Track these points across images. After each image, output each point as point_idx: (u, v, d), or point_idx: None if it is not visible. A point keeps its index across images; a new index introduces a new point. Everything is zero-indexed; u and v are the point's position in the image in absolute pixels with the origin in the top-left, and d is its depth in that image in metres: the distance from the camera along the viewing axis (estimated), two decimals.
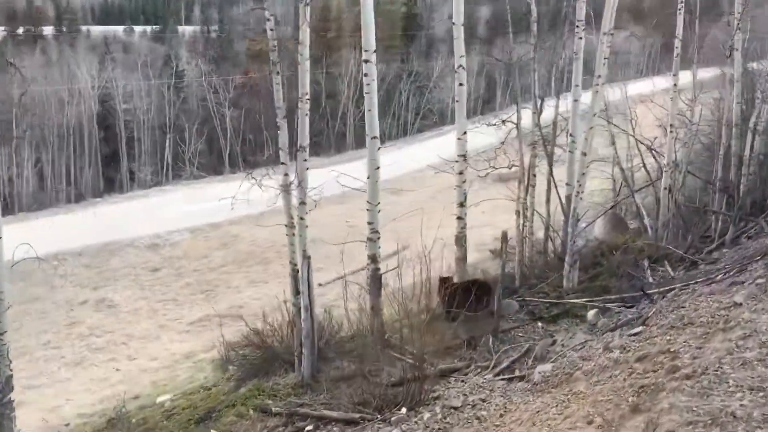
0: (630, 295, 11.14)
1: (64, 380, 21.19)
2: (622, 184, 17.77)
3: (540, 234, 14.04)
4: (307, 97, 9.02)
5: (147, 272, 30.51)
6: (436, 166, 14.13)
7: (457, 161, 11.34)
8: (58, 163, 44.23)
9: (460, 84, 11.03)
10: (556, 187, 13.55)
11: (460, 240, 11.51)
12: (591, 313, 10.94)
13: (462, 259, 11.69)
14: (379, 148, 10.38)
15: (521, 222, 13.48)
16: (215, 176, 44.60)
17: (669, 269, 12.79)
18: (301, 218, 9.16)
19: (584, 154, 12.01)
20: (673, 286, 10.84)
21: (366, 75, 9.74)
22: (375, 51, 9.67)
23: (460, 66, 10.87)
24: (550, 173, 13.83)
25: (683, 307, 9.01)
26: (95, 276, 29.61)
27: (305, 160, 9.10)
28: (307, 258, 9.20)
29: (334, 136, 52.00)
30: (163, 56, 56.87)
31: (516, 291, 12.40)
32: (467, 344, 10.23)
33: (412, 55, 56.78)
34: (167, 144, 48.52)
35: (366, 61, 9.67)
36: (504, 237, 10.70)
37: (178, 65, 56.15)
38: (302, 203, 9.19)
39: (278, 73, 8.89)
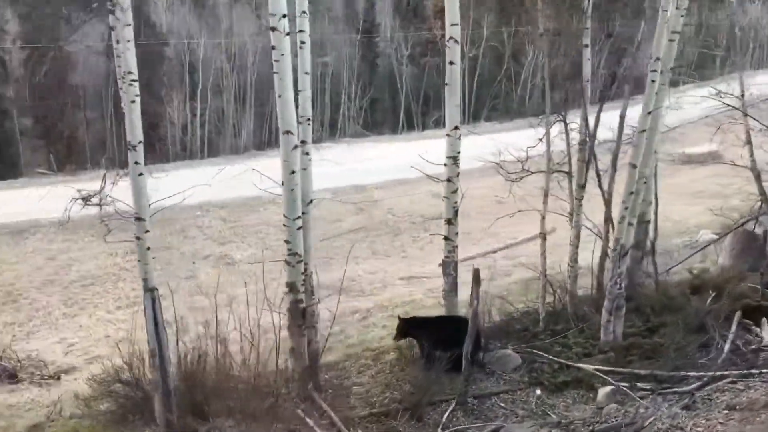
0: (666, 374, 7.99)
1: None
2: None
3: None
4: (132, 78, 6.70)
5: (278, 232, 30.24)
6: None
7: (445, 164, 8.67)
8: (232, 114, 45.53)
9: (450, 62, 8.24)
10: (607, 200, 10.24)
11: (448, 267, 8.93)
12: (602, 392, 8.02)
13: (451, 291, 9.09)
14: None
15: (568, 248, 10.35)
16: (379, 135, 43.58)
17: (764, 333, 9.22)
18: (138, 238, 7.11)
19: (634, 167, 8.75)
20: (723, 373, 7.57)
21: (273, 48, 7.39)
22: (286, 16, 7.28)
23: (451, 38, 8.08)
24: (599, 184, 10.48)
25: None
26: (227, 230, 29.87)
27: (137, 163, 6.92)
28: (150, 290, 7.16)
29: (516, 101, 48.50)
30: (361, 10, 56.24)
31: (534, 337, 9.54)
32: (410, 412, 7.81)
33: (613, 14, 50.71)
34: (342, 100, 48.05)
35: (273, 29, 7.33)
36: (476, 278, 8.00)
37: (375, 19, 55.24)
38: (139, 219, 7.12)
39: (119, 41, 6.59)
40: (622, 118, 10.27)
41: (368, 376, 8.98)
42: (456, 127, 8.47)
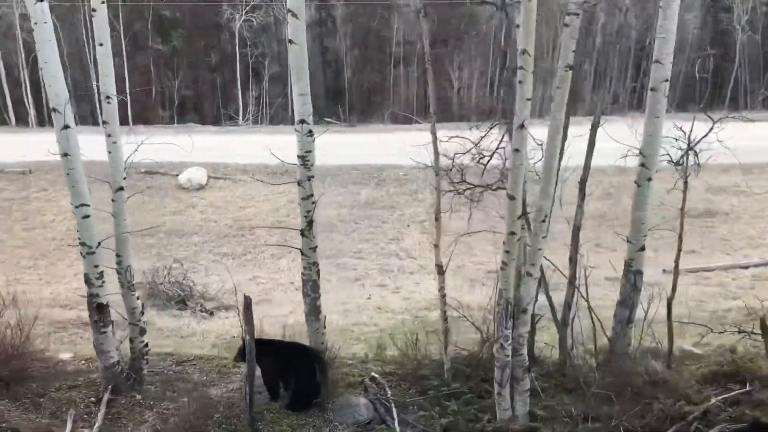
0: None
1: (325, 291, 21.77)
2: None
3: None
4: None
5: (504, 203, 28.87)
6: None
7: (297, 165, 7.08)
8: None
9: (290, 41, 6.52)
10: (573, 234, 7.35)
11: (305, 287, 7.41)
12: None
13: (311, 314, 7.56)
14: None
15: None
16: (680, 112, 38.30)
17: None
18: None
19: (511, 198, 6.21)
20: None
21: (35, 24, 6.51)
22: None
23: (289, 11, 6.42)
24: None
25: None
26: (456, 196, 29.30)
27: None
28: None
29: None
30: None
31: (422, 392, 7.57)
32: None
33: None
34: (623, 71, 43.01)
35: None
36: (247, 307, 6.48)
37: None
38: None
39: None
40: (594, 128, 7.42)
41: (215, 390, 8.05)
42: (303, 121, 6.88)
